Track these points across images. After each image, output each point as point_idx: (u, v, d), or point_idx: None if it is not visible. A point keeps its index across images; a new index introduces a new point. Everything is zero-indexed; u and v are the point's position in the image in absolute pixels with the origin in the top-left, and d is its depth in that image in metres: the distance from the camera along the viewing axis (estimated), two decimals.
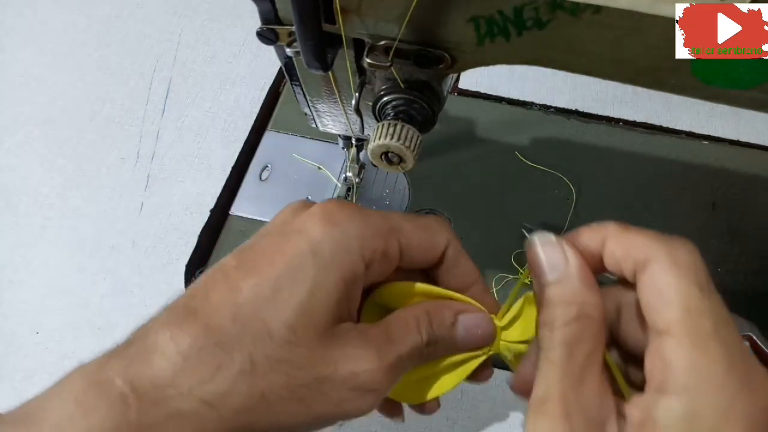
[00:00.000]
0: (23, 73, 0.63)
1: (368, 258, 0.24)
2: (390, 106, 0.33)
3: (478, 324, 0.28)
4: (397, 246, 0.26)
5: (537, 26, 0.26)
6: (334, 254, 0.24)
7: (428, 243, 0.28)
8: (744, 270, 0.49)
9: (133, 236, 0.52)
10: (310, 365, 0.23)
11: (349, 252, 0.24)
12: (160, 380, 0.21)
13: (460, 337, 0.28)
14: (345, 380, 0.24)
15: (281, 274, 0.23)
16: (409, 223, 0.27)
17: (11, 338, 0.47)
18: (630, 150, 0.56)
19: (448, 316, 0.28)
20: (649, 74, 0.27)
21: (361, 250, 0.24)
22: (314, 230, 0.24)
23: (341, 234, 0.24)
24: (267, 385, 0.22)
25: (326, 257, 0.23)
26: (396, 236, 0.26)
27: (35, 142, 0.58)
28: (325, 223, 0.24)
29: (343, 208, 0.25)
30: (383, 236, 0.25)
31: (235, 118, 0.59)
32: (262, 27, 0.31)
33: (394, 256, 0.26)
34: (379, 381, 0.24)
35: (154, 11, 0.68)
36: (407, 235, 0.26)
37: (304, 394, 0.23)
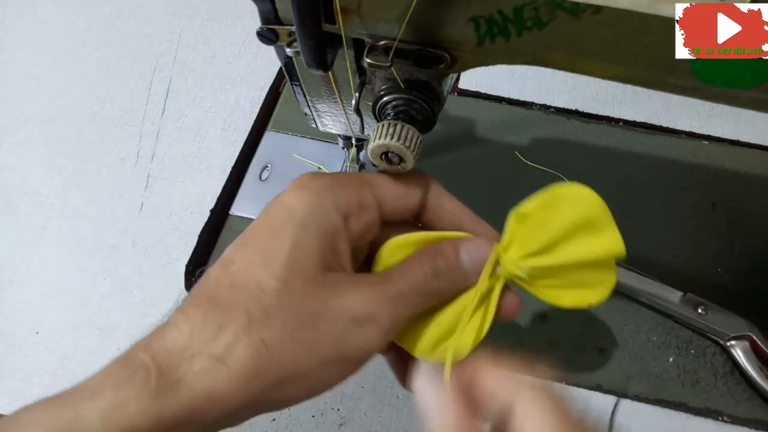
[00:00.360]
0: (23, 73, 0.63)
1: (344, 209, 0.27)
2: (390, 106, 0.33)
3: (479, 247, 0.30)
4: (371, 196, 0.29)
5: (537, 26, 0.26)
6: (309, 212, 0.26)
7: (403, 189, 0.30)
8: (744, 270, 0.49)
9: (133, 236, 0.52)
10: (302, 308, 0.25)
11: (322, 207, 0.26)
12: (174, 348, 0.24)
13: (465, 264, 0.29)
14: (339, 314, 0.25)
15: (265, 240, 0.26)
16: (381, 177, 0.30)
17: (11, 338, 0.47)
18: (630, 150, 0.56)
19: (449, 247, 0.29)
20: (649, 74, 0.27)
21: (335, 203, 0.27)
22: (289, 198, 0.27)
23: (313, 194, 0.27)
24: (266, 333, 0.24)
25: (301, 216, 0.26)
26: (369, 188, 0.29)
27: (35, 142, 0.58)
28: (298, 190, 0.27)
29: (315, 175, 0.28)
30: (354, 188, 0.28)
31: (235, 118, 0.59)
32: (262, 27, 0.31)
33: (371, 205, 0.29)
34: (373, 310, 0.26)
35: (154, 11, 0.68)
36: (381, 186, 0.29)
37: (302, 336, 0.25)
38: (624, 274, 0.46)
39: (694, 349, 0.46)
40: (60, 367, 0.46)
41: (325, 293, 0.25)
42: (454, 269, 0.29)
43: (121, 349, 0.48)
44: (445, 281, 0.29)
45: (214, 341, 0.24)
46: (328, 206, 0.27)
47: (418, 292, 0.28)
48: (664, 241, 0.51)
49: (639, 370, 0.45)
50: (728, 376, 0.44)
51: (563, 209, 0.30)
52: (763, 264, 0.49)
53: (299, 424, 0.43)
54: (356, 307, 0.26)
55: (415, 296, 0.28)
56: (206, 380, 0.24)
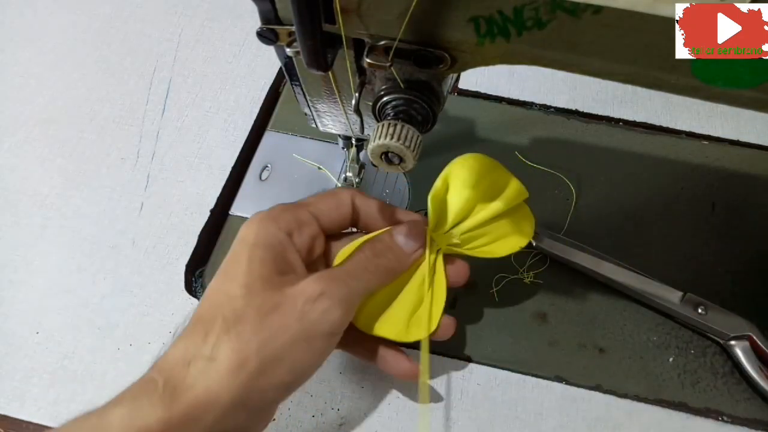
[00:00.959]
0: (23, 72, 0.63)
1: (285, 228, 0.33)
2: (390, 106, 0.33)
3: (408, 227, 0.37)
4: (307, 213, 0.35)
5: (537, 26, 0.26)
6: (257, 234, 0.33)
7: (335, 202, 0.36)
8: (744, 270, 0.49)
9: (133, 236, 0.52)
10: (266, 301, 0.31)
11: (266, 229, 0.33)
12: (174, 360, 0.30)
13: (401, 242, 0.36)
14: (295, 297, 0.31)
15: (228, 264, 0.33)
16: (313, 197, 0.37)
17: (11, 338, 0.47)
18: (630, 150, 0.56)
19: (384, 234, 0.37)
20: (649, 74, 0.27)
21: (277, 225, 0.33)
22: (241, 231, 0.34)
23: (258, 222, 0.34)
24: (240, 327, 0.30)
25: (251, 239, 0.33)
26: (304, 208, 0.35)
27: (35, 141, 0.58)
28: (244, 226, 0.34)
29: (256, 213, 0.35)
30: (291, 211, 0.35)
31: (235, 118, 0.59)
32: (262, 27, 0.31)
33: (309, 221, 0.35)
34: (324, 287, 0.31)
35: (154, 11, 0.68)
36: (314, 204, 0.36)
37: (270, 322, 0.30)
38: (624, 274, 0.46)
39: (694, 349, 0.46)
40: (60, 367, 0.46)
41: (282, 287, 0.31)
42: (393, 248, 0.36)
43: (121, 349, 0.48)
44: (386, 259, 0.35)
45: (204, 345, 0.29)
46: (272, 228, 0.33)
47: (364, 269, 0.34)
48: (664, 241, 0.51)
49: (639, 370, 0.45)
50: (728, 376, 0.44)
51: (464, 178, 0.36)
52: (763, 264, 0.49)
53: (299, 424, 0.43)
54: (308, 287, 0.31)
55: (361, 272, 0.34)
56: (203, 379, 0.29)
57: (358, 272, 0.34)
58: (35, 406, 0.44)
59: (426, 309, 0.36)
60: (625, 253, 0.48)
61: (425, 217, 0.37)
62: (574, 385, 0.44)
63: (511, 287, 0.48)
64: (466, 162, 0.36)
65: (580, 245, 0.48)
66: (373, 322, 0.37)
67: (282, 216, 0.34)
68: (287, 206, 0.35)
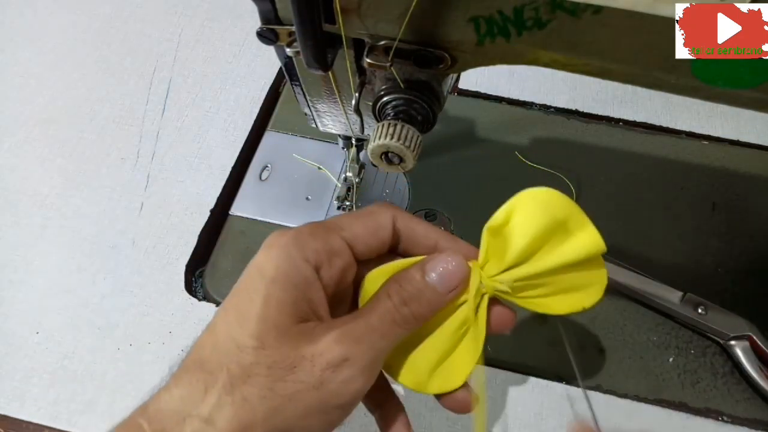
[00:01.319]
0: (23, 73, 0.63)
1: (313, 260, 0.27)
2: (390, 106, 0.33)
3: (445, 262, 0.29)
4: (340, 240, 0.29)
5: (537, 26, 0.26)
6: (277, 267, 0.27)
7: (373, 225, 0.30)
8: (744, 270, 0.49)
9: (133, 236, 0.52)
10: (279, 361, 0.25)
11: (290, 260, 0.27)
12: (167, 411, 0.25)
13: (435, 282, 0.28)
14: (313, 361, 0.25)
15: (240, 300, 0.27)
16: (347, 218, 0.30)
17: (11, 338, 0.47)
18: (630, 150, 0.56)
19: (415, 270, 0.29)
20: (649, 74, 0.27)
21: (303, 255, 0.27)
22: (259, 258, 0.28)
23: (280, 250, 0.27)
24: (247, 390, 0.25)
25: (270, 272, 0.27)
26: (336, 232, 0.29)
27: (35, 142, 0.58)
28: (266, 249, 0.28)
29: (282, 233, 0.28)
30: (321, 237, 0.28)
31: (235, 118, 0.59)
32: (262, 27, 0.31)
33: (342, 250, 0.29)
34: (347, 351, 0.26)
35: (154, 11, 0.68)
36: (348, 227, 0.29)
37: (282, 389, 0.25)
38: (624, 274, 0.46)
39: (694, 349, 0.46)
40: (60, 367, 0.46)
41: (298, 343, 0.26)
42: (423, 291, 0.28)
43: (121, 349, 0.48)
44: (417, 305, 0.28)
45: (202, 403, 0.25)
46: (297, 259, 0.27)
47: (391, 323, 0.28)
48: (664, 241, 0.51)
49: (639, 370, 0.45)
50: (728, 376, 0.44)
51: (532, 215, 0.29)
52: (763, 264, 0.49)
53: None
54: (329, 350, 0.26)
55: (389, 327, 0.28)
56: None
57: (385, 328, 0.28)
58: (35, 406, 0.44)
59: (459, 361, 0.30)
60: (625, 253, 0.48)
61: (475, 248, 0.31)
62: (574, 385, 0.44)
63: None
64: (538, 195, 0.29)
65: None
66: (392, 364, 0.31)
67: (310, 244, 0.28)
68: (317, 229, 0.29)
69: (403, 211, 0.31)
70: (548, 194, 0.29)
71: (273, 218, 0.52)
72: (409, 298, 0.28)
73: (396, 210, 0.31)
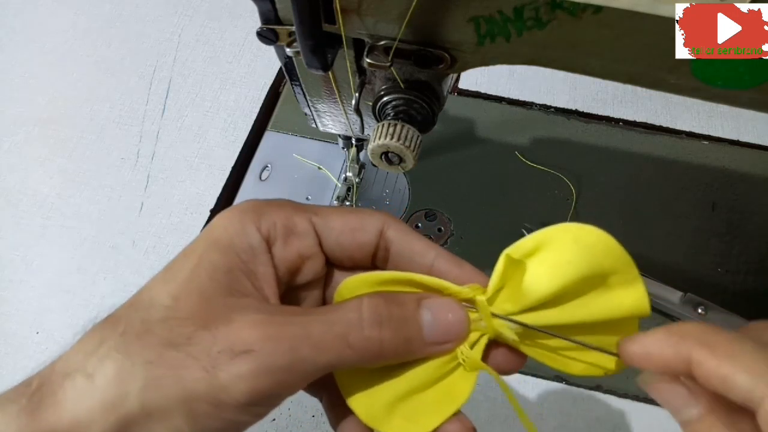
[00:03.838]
0: (23, 73, 0.63)
1: (266, 230, 0.24)
2: (390, 106, 0.33)
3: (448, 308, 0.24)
4: (306, 222, 0.25)
5: (537, 26, 0.26)
6: (225, 229, 0.23)
7: (354, 223, 0.25)
8: (744, 270, 0.49)
9: (133, 236, 0.52)
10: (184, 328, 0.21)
11: (240, 225, 0.24)
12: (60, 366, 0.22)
13: (426, 323, 0.23)
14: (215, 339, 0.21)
15: (176, 260, 0.23)
16: (330, 209, 0.26)
17: (11, 338, 0.47)
18: (630, 150, 0.56)
19: (410, 300, 0.24)
20: (649, 74, 0.27)
21: (256, 224, 0.24)
22: (214, 220, 0.24)
23: (236, 213, 0.24)
24: (135, 350, 0.21)
25: (215, 233, 0.23)
26: (306, 214, 0.25)
27: (35, 142, 0.58)
28: (222, 213, 0.24)
29: (254, 200, 0.25)
30: (285, 212, 0.25)
31: (235, 118, 0.59)
32: (262, 27, 0.31)
33: (305, 232, 0.25)
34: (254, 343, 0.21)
35: (155, 11, 0.68)
36: (324, 215, 0.25)
37: (170, 358, 0.21)
38: None
39: None
40: None
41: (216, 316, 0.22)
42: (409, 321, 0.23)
43: None
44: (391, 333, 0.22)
45: (92, 355, 0.21)
46: (249, 227, 0.24)
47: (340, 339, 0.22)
48: (664, 241, 0.51)
49: (639, 370, 0.45)
50: None
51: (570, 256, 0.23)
52: (763, 264, 0.49)
53: (299, 424, 0.43)
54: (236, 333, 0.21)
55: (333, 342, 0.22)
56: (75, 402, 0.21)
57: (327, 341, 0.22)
58: None
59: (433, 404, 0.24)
60: None
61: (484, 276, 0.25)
62: (574, 385, 0.44)
63: None
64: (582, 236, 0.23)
65: None
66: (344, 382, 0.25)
67: (268, 214, 0.24)
68: (285, 203, 0.25)
69: (398, 222, 0.26)
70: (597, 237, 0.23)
71: None
72: (388, 319, 0.22)
73: (389, 218, 0.25)
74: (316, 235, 0.25)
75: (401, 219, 0.51)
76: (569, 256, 0.23)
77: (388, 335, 0.22)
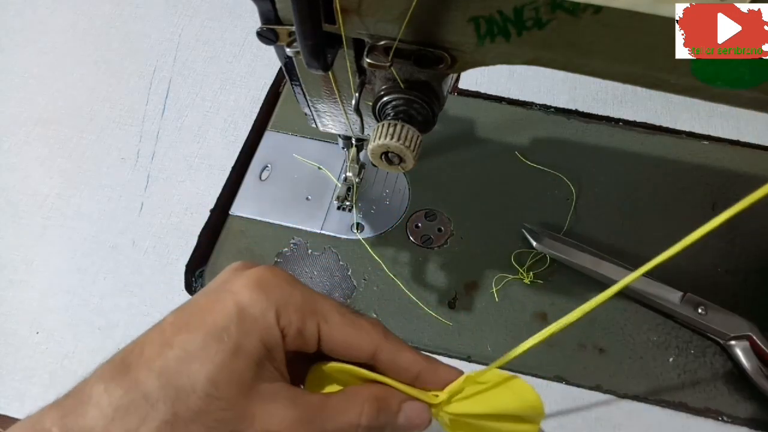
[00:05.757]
0: (23, 73, 0.63)
1: (282, 325, 0.26)
2: (390, 106, 0.33)
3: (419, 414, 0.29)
4: (315, 329, 0.27)
5: (537, 26, 0.26)
6: (256, 320, 0.25)
7: (351, 341, 0.28)
8: (744, 270, 0.49)
9: (133, 236, 0.52)
10: (228, 417, 0.24)
11: (267, 319, 0.26)
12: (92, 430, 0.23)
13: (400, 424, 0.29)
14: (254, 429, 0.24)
15: (208, 333, 0.25)
16: (338, 316, 0.28)
17: (11, 338, 0.47)
18: (630, 150, 0.56)
19: (394, 404, 0.29)
20: (649, 74, 0.27)
21: (278, 319, 0.26)
22: (243, 294, 0.26)
23: (265, 303, 0.26)
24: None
25: (249, 322, 0.25)
26: (317, 320, 0.27)
27: (35, 142, 0.58)
28: (253, 289, 0.26)
29: (275, 275, 0.27)
30: (301, 314, 0.27)
31: (235, 118, 0.59)
32: (262, 27, 0.31)
33: (310, 338, 0.27)
34: None
35: (155, 11, 0.68)
36: (331, 325, 0.28)
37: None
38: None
39: (694, 349, 0.46)
40: (60, 367, 0.46)
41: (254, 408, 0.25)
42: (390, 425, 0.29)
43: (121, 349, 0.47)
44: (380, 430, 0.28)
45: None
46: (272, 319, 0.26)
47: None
48: (663, 241, 0.50)
49: (639, 370, 0.45)
50: (728, 376, 0.44)
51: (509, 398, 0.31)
52: (763, 264, 0.49)
53: None
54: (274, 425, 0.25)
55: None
56: None
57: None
58: (35, 406, 0.44)
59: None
60: (624, 253, 0.48)
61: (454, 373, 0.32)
62: (574, 385, 0.44)
63: (511, 287, 0.48)
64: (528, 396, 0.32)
65: (580, 245, 0.48)
66: None
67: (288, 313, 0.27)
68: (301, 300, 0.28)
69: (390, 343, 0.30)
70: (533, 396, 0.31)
71: (273, 218, 0.52)
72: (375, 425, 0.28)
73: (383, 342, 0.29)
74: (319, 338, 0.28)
75: (401, 219, 0.52)
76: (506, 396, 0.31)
77: None
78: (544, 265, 0.49)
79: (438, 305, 0.47)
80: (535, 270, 0.49)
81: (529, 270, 0.49)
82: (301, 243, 0.51)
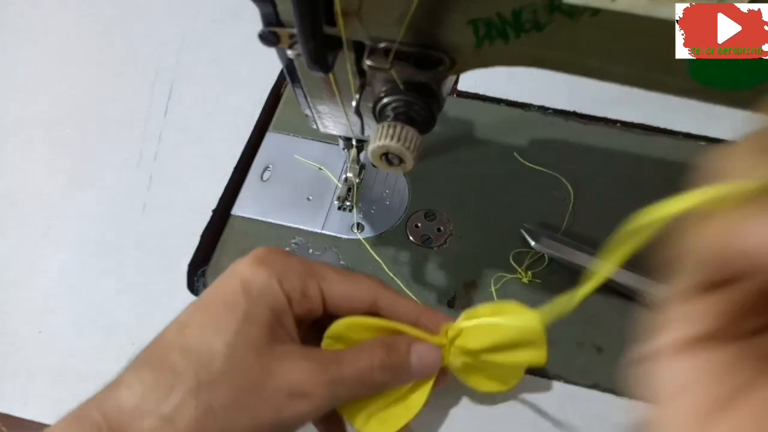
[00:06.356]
0: (26, 74, 0.64)
1: (287, 291, 0.29)
2: (390, 107, 0.34)
3: (429, 352, 0.32)
4: (317, 289, 0.31)
5: (535, 28, 0.26)
6: (261, 290, 0.29)
7: (351, 292, 0.32)
8: None
9: (136, 236, 0.52)
10: (249, 375, 0.27)
11: (272, 287, 0.29)
12: (126, 407, 0.26)
13: (414, 365, 0.32)
14: (280, 386, 0.27)
15: (219, 308, 0.28)
16: (334, 273, 0.32)
17: (14, 338, 0.47)
18: (628, 151, 0.56)
19: (402, 344, 0.32)
20: (647, 76, 0.28)
21: (281, 283, 0.29)
22: (245, 271, 0.30)
23: (267, 273, 0.29)
24: (213, 397, 0.26)
25: (254, 293, 0.29)
26: (317, 280, 0.31)
27: (38, 143, 0.59)
28: (255, 265, 0.30)
29: (271, 252, 0.31)
30: (301, 277, 0.30)
31: (237, 119, 0.59)
32: (263, 29, 0.31)
33: (314, 297, 0.31)
34: (310, 389, 0.28)
35: (157, 13, 0.68)
36: (330, 282, 0.31)
37: (245, 402, 0.27)
38: (624, 274, 0.46)
39: None
40: (63, 367, 0.46)
41: (270, 364, 0.28)
42: (402, 366, 0.31)
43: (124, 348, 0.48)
44: (390, 375, 0.31)
45: (164, 402, 0.26)
46: (276, 287, 0.29)
47: (360, 382, 0.30)
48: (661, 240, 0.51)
49: None
50: None
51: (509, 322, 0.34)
52: None
53: None
54: (295, 382, 0.28)
55: (356, 384, 0.30)
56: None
57: (354, 383, 0.30)
58: (38, 405, 0.44)
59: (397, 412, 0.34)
60: None
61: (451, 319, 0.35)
62: (572, 383, 0.44)
63: (510, 286, 0.48)
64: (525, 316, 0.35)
65: (578, 245, 0.48)
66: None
67: (288, 278, 0.30)
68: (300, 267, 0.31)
69: (387, 291, 0.33)
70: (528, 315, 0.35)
71: (274, 218, 0.52)
72: (388, 366, 0.31)
73: (380, 290, 0.33)
74: (322, 297, 0.31)
75: (401, 219, 0.52)
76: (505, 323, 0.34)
77: (389, 377, 0.31)
78: (543, 264, 0.49)
79: (437, 304, 0.48)
80: (533, 269, 0.49)
81: (527, 269, 0.49)
82: (302, 243, 0.51)
